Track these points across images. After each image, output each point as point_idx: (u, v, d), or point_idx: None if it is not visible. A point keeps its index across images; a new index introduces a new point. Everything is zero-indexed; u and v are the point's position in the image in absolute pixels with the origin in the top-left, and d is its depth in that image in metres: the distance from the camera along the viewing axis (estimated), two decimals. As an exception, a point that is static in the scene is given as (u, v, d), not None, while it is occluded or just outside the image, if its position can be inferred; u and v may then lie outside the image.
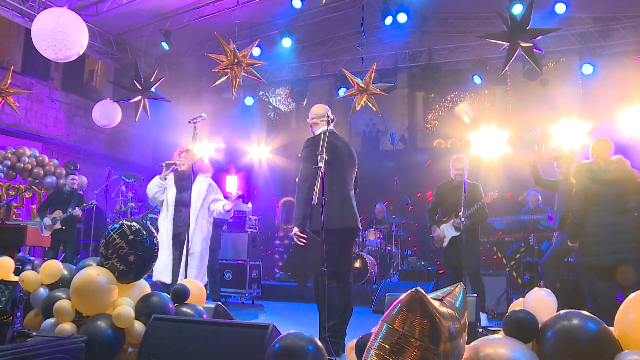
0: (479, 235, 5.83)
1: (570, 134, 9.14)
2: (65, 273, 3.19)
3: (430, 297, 1.75)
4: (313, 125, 4.21)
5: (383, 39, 11.35)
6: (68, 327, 2.77)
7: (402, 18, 9.14)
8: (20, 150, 9.31)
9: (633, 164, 4.73)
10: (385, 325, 1.66)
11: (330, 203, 3.75)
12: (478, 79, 10.14)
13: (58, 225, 7.49)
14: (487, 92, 12.67)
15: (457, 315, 1.83)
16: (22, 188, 9.45)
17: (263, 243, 9.26)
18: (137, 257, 2.93)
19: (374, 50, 11.23)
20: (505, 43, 6.41)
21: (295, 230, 3.87)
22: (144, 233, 3.00)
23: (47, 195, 9.07)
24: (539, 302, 2.15)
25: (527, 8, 6.32)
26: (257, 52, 9.58)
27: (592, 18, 9.55)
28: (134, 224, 3.01)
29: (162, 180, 4.91)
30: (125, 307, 2.81)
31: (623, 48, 9.50)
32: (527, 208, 7.98)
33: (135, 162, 11.91)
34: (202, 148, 10.03)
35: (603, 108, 9.35)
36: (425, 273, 7.82)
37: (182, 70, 11.91)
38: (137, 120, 8.82)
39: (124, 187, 9.25)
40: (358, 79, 7.54)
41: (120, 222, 3.04)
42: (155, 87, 8.34)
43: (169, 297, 3.00)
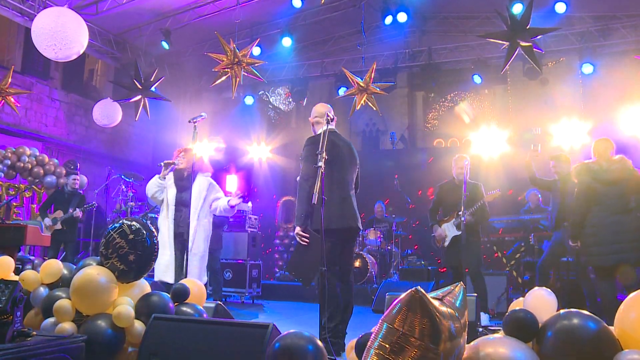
0: (480, 235, 5.82)
1: (570, 134, 9.14)
2: (65, 272, 3.19)
3: (430, 296, 1.75)
4: (315, 124, 4.19)
5: (383, 39, 11.35)
6: (68, 326, 2.77)
7: (402, 17, 9.15)
8: (20, 150, 9.30)
9: (634, 164, 4.73)
10: (386, 325, 1.66)
11: (330, 203, 3.74)
12: (478, 79, 10.15)
13: (59, 226, 7.49)
14: (487, 91, 12.67)
15: (457, 315, 1.83)
16: (22, 187, 9.45)
17: (263, 242, 9.26)
18: (137, 256, 2.93)
19: (374, 50, 11.23)
20: (505, 42, 6.41)
21: (298, 230, 3.85)
22: (144, 232, 3.00)
23: (48, 195, 9.07)
24: (539, 301, 2.15)
25: (527, 7, 6.32)
26: (257, 51, 9.58)
27: (592, 17, 9.55)
28: (134, 224, 3.01)
29: (161, 180, 4.90)
30: (126, 306, 2.81)
31: (623, 47, 9.50)
32: (527, 207, 7.98)
33: (136, 161, 11.91)
34: (202, 147, 10.03)
35: (603, 107, 9.34)
36: (425, 272, 7.82)
37: (182, 70, 11.91)
38: (137, 120, 8.81)
39: (124, 186, 9.25)
40: (358, 79, 7.53)
41: (121, 221, 3.04)
42: (155, 86, 8.34)
43: (169, 296, 3.01)
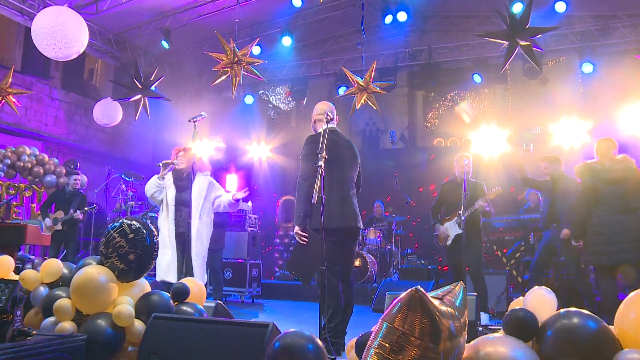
0: (482, 234, 5.83)
1: (570, 133, 9.14)
2: (66, 272, 3.19)
3: (430, 295, 1.75)
4: (317, 122, 4.14)
5: (383, 38, 11.35)
6: (68, 325, 2.77)
7: (402, 17, 9.14)
8: (20, 149, 9.31)
9: (636, 163, 4.72)
10: (385, 324, 1.66)
11: (330, 202, 3.73)
12: (478, 78, 10.14)
13: (59, 227, 7.48)
14: (487, 90, 12.67)
15: (457, 314, 1.83)
16: (22, 187, 9.45)
17: (263, 242, 9.26)
18: (137, 255, 2.94)
19: (374, 49, 11.22)
20: (505, 42, 6.40)
21: (297, 230, 3.85)
22: (144, 232, 3.00)
23: (48, 194, 9.07)
24: (539, 301, 2.15)
25: (526, 7, 6.30)
26: (257, 50, 9.58)
27: (592, 17, 9.55)
28: (134, 223, 3.01)
29: (160, 180, 4.88)
30: (126, 305, 2.81)
31: (623, 47, 9.49)
32: (526, 206, 7.98)
33: (135, 160, 11.91)
34: (202, 147, 10.03)
35: (603, 107, 9.34)
36: (425, 272, 7.82)
37: (182, 69, 11.91)
38: (137, 119, 8.81)
39: (124, 185, 9.26)
40: (358, 78, 7.52)
41: (121, 220, 3.04)
42: (155, 85, 8.32)
43: (169, 295, 3.01)
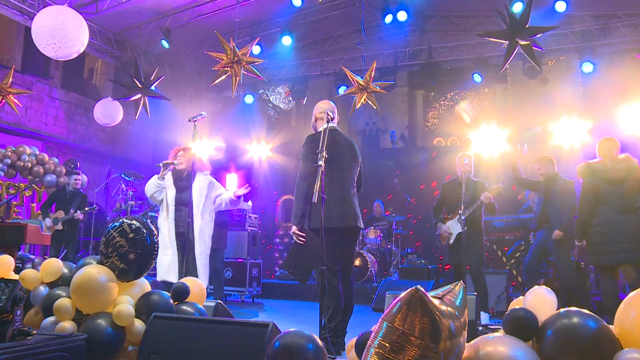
0: (483, 234, 5.83)
1: (570, 132, 9.13)
2: (66, 271, 3.19)
3: (430, 295, 1.75)
4: (318, 120, 4.11)
5: (383, 37, 11.34)
6: (68, 325, 2.77)
7: (402, 16, 9.14)
8: (20, 149, 9.30)
9: (638, 163, 4.72)
10: (385, 324, 1.66)
11: (330, 202, 3.73)
12: (478, 78, 10.13)
13: (59, 226, 7.48)
14: (487, 90, 12.68)
15: (457, 314, 1.83)
16: (22, 186, 9.45)
17: (264, 239, 9.26)
18: (137, 255, 2.93)
19: (374, 49, 11.22)
20: (505, 41, 6.40)
21: (294, 229, 3.85)
22: (144, 231, 3.00)
23: (48, 194, 9.07)
24: (539, 300, 2.15)
25: (526, 6, 6.30)
26: (257, 50, 9.58)
27: (592, 16, 9.54)
28: (134, 222, 3.01)
29: (159, 180, 4.87)
30: (126, 305, 2.81)
31: (623, 46, 9.49)
32: (526, 206, 7.98)
33: (136, 160, 11.91)
34: (202, 146, 10.03)
35: (603, 106, 9.34)
36: (425, 271, 7.83)
37: (182, 69, 11.90)
38: (137, 119, 8.81)
39: (124, 185, 9.26)
40: (358, 77, 7.52)
41: (121, 220, 3.04)
42: (155, 85, 8.32)
43: (169, 295, 3.01)
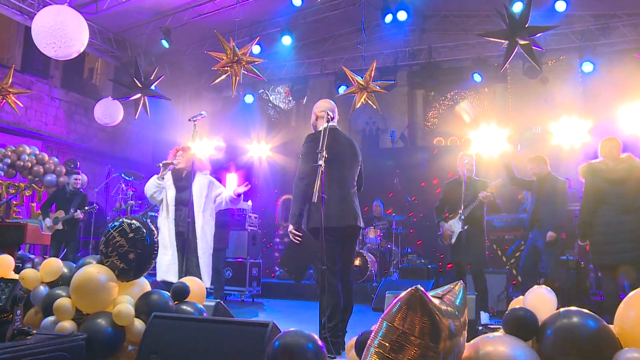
0: (485, 233, 5.82)
1: (571, 132, 9.13)
2: (65, 271, 3.19)
3: (430, 295, 1.75)
4: (319, 119, 4.10)
5: (383, 37, 11.34)
6: (68, 325, 2.77)
7: (402, 16, 9.14)
8: (20, 149, 9.30)
9: None
10: (385, 323, 1.66)
11: (330, 201, 3.73)
12: (478, 77, 10.13)
13: (60, 226, 7.48)
14: (487, 90, 12.67)
15: (457, 313, 1.83)
16: (22, 186, 9.45)
17: (265, 238, 9.25)
18: (137, 255, 2.93)
19: (374, 48, 11.21)
20: (505, 41, 6.40)
21: (291, 228, 3.86)
22: (144, 231, 2.99)
23: (48, 194, 9.06)
24: (539, 300, 2.15)
25: (526, 6, 6.30)
26: (257, 50, 9.57)
27: (592, 16, 9.54)
28: (134, 222, 3.01)
29: (159, 180, 4.87)
30: (125, 305, 2.81)
31: (623, 46, 9.48)
32: (526, 205, 7.97)
33: (135, 160, 11.91)
34: (202, 146, 10.03)
35: (603, 106, 9.34)
36: (425, 271, 7.83)
37: (182, 68, 11.90)
38: (136, 118, 8.80)
39: (124, 185, 9.26)
40: (358, 77, 7.51)
41: (120, 220, 3.04)
42: (155, 85, 8.31)
43: (169, 295, 3.01)
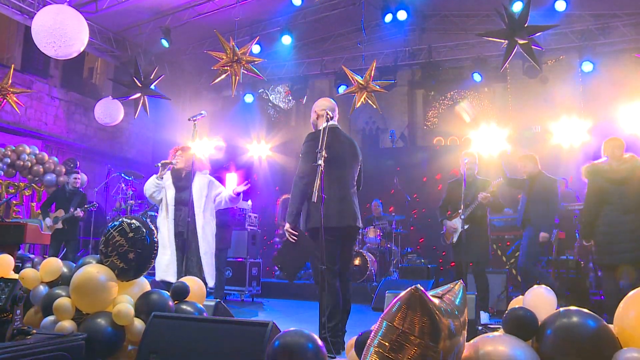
0: (487, 232, 5.81)
1: (570, 132, 9.13)
2: (65, 271, 3.18)
3: (430, 294, 1.74)
4: (319, 117, 4.08)
5: (383, 37, 11.34)
6: (68, 324, 2.77)
7: (402, 16, 9.15)
8: (20, 148, 9.29)
9: None
10: (385, 323, 1.66)
11: (329, 201, 3.72)
12: (478, 77, 10.14)
13: (60, 225, 7.48)
14: (487, 89, 12.68)
15: (456, 313, 1.83)
16: (21, 186, 9.44)
17: (263, 240, 9.25)
18: (136, 254, 2.93)
19: (374, 48, 11.22)
20: (504, 41, 6.39)
21: (287, 227, 3.86)
22: (144, 231, 2.99)
23: (48, 193, 9.06)
24: (539, 299, 2.15)
25: (525, 5, 6.31)
26: (256, 49, 9.57)
27: (592, 15, 9.54)
28: (134, 222, 3.01)
29: (158, 180, 4.85)
30: (125, 304, 2.80)
31: (623, 46, 9.49)
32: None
33: (135, 159, 11.91)
34: (202, 146, 10.02)
35: (603, 106, 9.34)
36: (425, 270, 7.83)
37: (181, 68, 11.90)
38: (136, 118, 8.80)
39: (124, 184, 9.26)
40: (358, 77, 7.51)
41: (120, 219, 3.04)
42: (155, 84, 8.31)
43: (169, 294, 3.01)
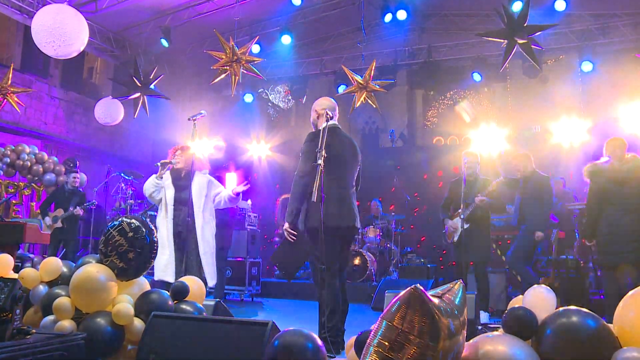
0: (489, 232, 5.80)
1: (570, 132, 9.14)
2: (65, 270, 3.19)
3: (430, 294, 1.75)
4: (320, 117, 4.07)
5: (383, 37, 11.33)
6: (67, 324, 2.77)
7: (401, 15, 9.15)
8: (20, 148, 9.29)
9: None
10: (385, 323, 1.66)
11: (329, 201, 3.72)
12: (478, 77, 10.14)
13: (59, 224, 7.48)
14: (486, 89, 12.63)
15: (456, 312, 1.83)
16: (21, 185, 9.44)
17: (262, 240, 9.25)
18: (136, 254, 2.93)
19: (374, 48, 11.20)
20: (504, 40, 6.39)
21: (286, 226, 3.86)
22: (144, 230, 3.00)
23: (47, 193, 9.06)
24: (538, 299, 2.15)
25: (525, 5, 6.31)
26: (256, 49, 9.56)
27: (591, 15, 9.54)
28: (134, 222, 3.01)
29: (158, 180, 4.84)
30: (125, 304, 2.81)
31: (622, 45, 9.49)
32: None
33: (135, 159, 11.90)
34: (201, 146, 10.00)
35: (603, 105, 9.35)
36: (425, 270, 7.84)
37: (181, 68, 11.89)
38: (135, 117, 8.80)
39: (124, 184, 9.26)
40: (358, 76, 7.51)
41: (120, 219, 3.04)
42: (155, 84, 8.31)
43: (169, 294, 3.01)
